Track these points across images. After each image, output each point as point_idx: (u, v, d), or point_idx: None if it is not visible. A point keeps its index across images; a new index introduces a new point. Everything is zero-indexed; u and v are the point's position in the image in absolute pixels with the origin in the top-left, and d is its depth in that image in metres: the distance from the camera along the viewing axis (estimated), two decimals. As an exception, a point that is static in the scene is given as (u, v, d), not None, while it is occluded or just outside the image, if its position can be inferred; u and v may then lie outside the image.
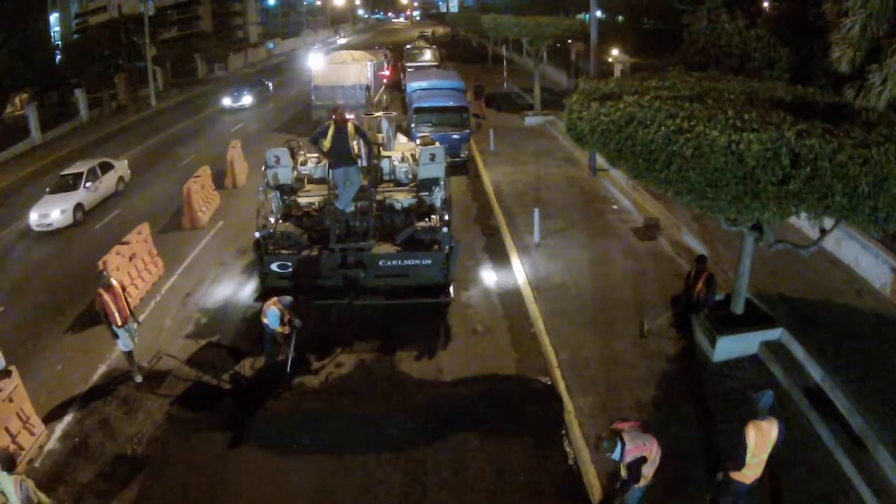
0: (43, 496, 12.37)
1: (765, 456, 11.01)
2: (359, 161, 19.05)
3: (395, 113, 23.06)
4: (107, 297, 16.45)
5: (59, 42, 65.97)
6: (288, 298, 16.65)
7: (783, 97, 15.20)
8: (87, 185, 30.04)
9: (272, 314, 16.10)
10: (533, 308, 19.21)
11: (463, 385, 16.33)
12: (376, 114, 22.19)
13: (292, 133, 38.84)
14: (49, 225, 27.98)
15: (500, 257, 22.88)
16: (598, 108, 14.56)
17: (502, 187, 29.79)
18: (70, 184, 29.87)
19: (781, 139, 11.64)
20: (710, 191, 12.34)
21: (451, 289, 18.77)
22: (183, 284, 22.39)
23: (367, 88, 40.11)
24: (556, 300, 19.49)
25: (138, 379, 17.08)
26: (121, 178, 33.04)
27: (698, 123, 12.47)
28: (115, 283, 16.97)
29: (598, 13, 34.90)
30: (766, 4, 41.67)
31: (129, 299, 19.84)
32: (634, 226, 24.42)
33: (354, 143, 18.74)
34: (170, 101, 61.93)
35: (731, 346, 16.27)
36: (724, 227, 14.20)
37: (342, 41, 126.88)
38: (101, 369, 17.79)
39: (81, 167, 30.93)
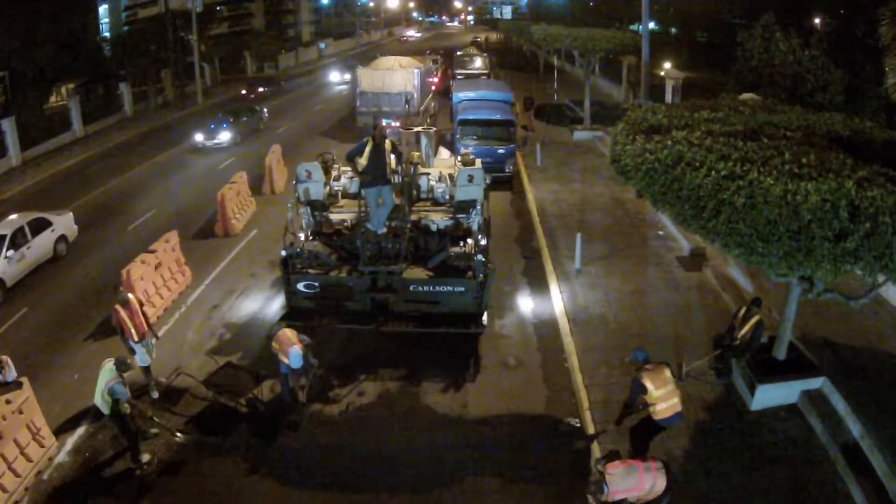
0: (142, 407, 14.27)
1: (670, 387, 12.74)
2: (394, 178, 18.27)
3: (434, 128, 22.09)
4: (123, 313, 16.11)
5: (109, 34, 66.20)
6: (307, 338, 15.73)
7: (841, 132, 14.17)
8: (9, 254, 22.57)
9: (295, 354, 15.03)
10: (568, 341, 18.26)
11: (488, 424, 15.46)
12: (415, 129, 21.29)
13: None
14: None
15: (538, 283, 21.93)
16: (643, 143, 13.51)
17: (546, 206, 28.87)
18: None
19: (841, 189, 10.55)
20: (761, 245, 11.23)
21: (486, 317, 17.90)
22: (210, 296, 21.88)
23: (413, 97, 39.32)
24: (593, 334, 18.52)
25: (155, 395, 16.65)
26: (61, 238, 25.48)
27: (752, 169, 11.37)
28: (131, 297, 16.55)
29: (652, 24, 33.97)
30: (817, 21, 40.74)
31: (153, 309, 19.91)
32: (680, 255, 23.29)
33: (392, 157, 17.95)
34: (216, 97, 62.11)
35: (770, 395, 15.28)
36: (773, 277, 13.14)
37: (416, 35, 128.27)
38: (119, 382, 17.29)
39: (5, 228, 23.21)
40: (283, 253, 17.62)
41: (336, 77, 72.67)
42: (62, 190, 34.51)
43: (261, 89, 60.40)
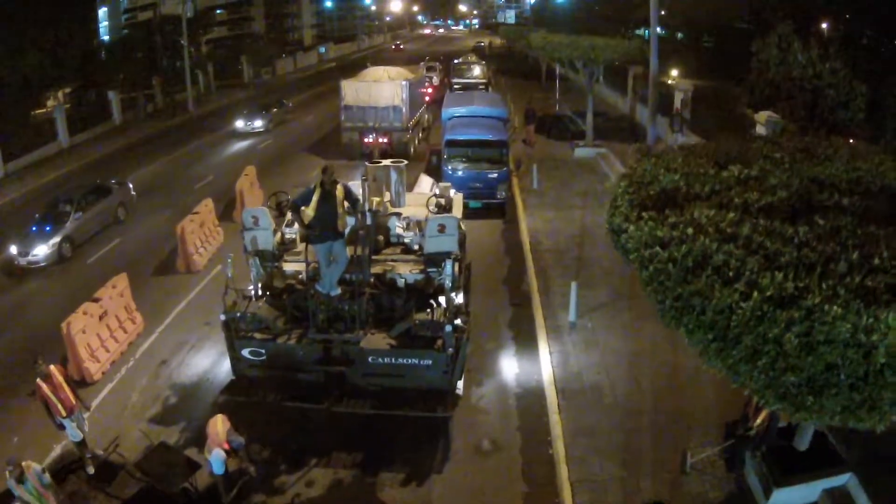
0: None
1: None
2: (358, 218, 15.96)
3: (405, 162, 19.47)
4: (46, 388, 14.21)
5: (107, 38, 64.37)
6: (240, 439, 13.70)
7: (893, 185, 11.53)
8: None
9: (216, 459, 13.10)
10: (555, 420, 15.72)
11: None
12: (384, 162, 18.82)
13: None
14: None
15: (525, 340, 19.36)
16: (652, 226, 10.11)
17: (541, 238, 26.28)
18: None
19: None
20: (812, 399, 8.24)
21: (461, 385, 15.59)
22: (161, 348, 19.71)
23: (403, 110, 37.01)
24: (585, 411, 16.01)
25: (90, 470, 14.73)
26: None
27: (812, 288, 8.19)
28: (53, 369, 14.55)
29: (658, 29, 32.08)
30: (823, 26, 38.75)
31: (98, 364, 18.29)
32: (688, 301, 20.81)
33: (347, 205, 15.40)
34: (209, 106, 60.07)
35: (788, 497, 12.87)
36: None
37: (439, 32, 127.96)
38: (56, 451, 15.44)
39: None
40: (222, 317, 15.27)
41: (241, 124, 48.57)
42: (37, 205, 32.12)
43: (402, 46, 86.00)
